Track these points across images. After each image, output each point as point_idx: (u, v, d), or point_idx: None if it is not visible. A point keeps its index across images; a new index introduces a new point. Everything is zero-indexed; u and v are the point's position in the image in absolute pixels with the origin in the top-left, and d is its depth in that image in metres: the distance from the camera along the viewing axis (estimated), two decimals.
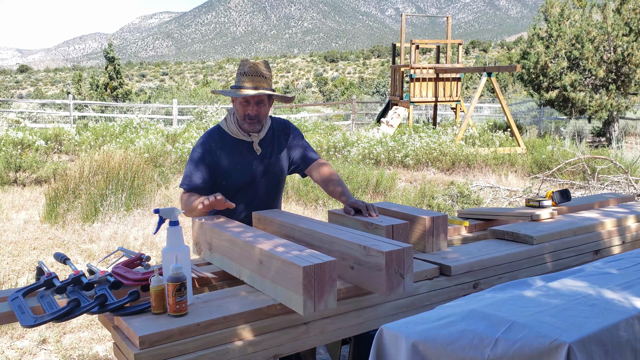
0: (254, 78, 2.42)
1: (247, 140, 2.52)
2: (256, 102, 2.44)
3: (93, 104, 20.19)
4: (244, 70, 2.43)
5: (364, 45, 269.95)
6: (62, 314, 1.68)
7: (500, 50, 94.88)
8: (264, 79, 2.44)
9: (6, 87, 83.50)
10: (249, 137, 2.52)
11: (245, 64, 2.45)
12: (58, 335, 3.58)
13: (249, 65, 2.44)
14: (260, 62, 2.47)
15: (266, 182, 2.56)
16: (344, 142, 11.08)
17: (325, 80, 68.83)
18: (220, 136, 2.52)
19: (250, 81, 2.42)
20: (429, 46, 21.82)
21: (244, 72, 2.43)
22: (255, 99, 2.43)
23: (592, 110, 13.14)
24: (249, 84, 2.42)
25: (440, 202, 6.74)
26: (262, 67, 2.45)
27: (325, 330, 1.84)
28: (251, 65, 2.44)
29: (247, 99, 2.43)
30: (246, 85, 2.42)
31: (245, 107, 2.45)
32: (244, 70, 2.44)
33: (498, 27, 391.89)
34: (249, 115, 2.45)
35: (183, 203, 2.42)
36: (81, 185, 6.50)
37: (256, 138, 2.52)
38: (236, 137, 2.51)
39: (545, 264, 2.43)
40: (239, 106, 2.46)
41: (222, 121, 2.57)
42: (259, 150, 2.53)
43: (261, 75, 2.43)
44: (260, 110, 2.46)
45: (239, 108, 2.46)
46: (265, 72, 2.45)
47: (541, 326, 1.37)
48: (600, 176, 7.33)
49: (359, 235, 2.01)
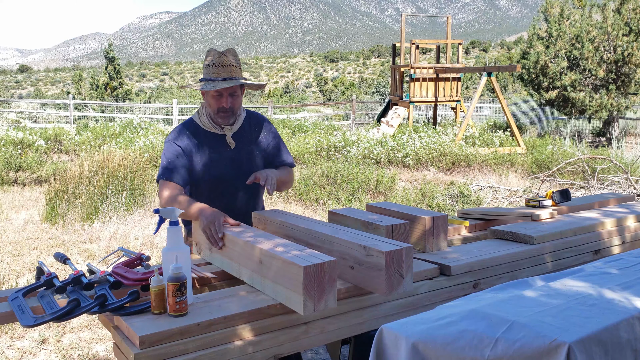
0: (225, 69, 2.31)
1: (220, 133, 2.43)
2: (229, 93, 2.34)
3: (93, 104, 20.19)
4: (213, 62, 2.32)
5: (364, 45, 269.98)
6: (62, 314, 1.68)
7: (500, 50, 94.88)
8: (235, 68, 2.33)
9: (6, 87, 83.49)
10: (221, 130, 2.43)
11: (214, 55, 2.33)
12: (58, 335, 3.58)
13: (217, 56, 2.32)
14: (228, 52, 2.36)
15: (243, 176, 2.45)
16: (344, 142, 11.08)
17: (325, 80, 68.83)
18: (194, 129, 2.43)
19: (221, 72, 2.30)
20: (429, 46, 21.83)
21: (213, 64, 2.31)
22: (229, 91, 2.33)
23: (592, 110, 13.14)
24: (217, 75, 2.30)
25: (440, 202, 6.74)
26: (231, 57, 2.34)
27: (325, 330, 1.84)
28: (220, 55, 2.32)
29: (220, 91, 2.32)
30: (216, 77, 2.30)
31: (218, 100, 2.35)
32: (213, 61, 2.32)
33: (498, 27, 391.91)
34: (223, 108, 2.35)
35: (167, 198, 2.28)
36: (81, 185, 6.50)
37: (229, 131, 2.43)
38: (209, 130, 2.43)
39: (546, 264, 2.43)
40: (212, 99, 2.36)
41: (195, 114, 2.48)
42: (232, 143, 2.44)
43: (231, 64, 2.32)
44: (235, 101, 2.37)
45: (212, 101, 2.36)
46: (234, 61, 2.34)
47: (541, 326, 1.37)
48: (600, 176, 7.32)
49: (359, 235, 2.01)
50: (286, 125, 14.92)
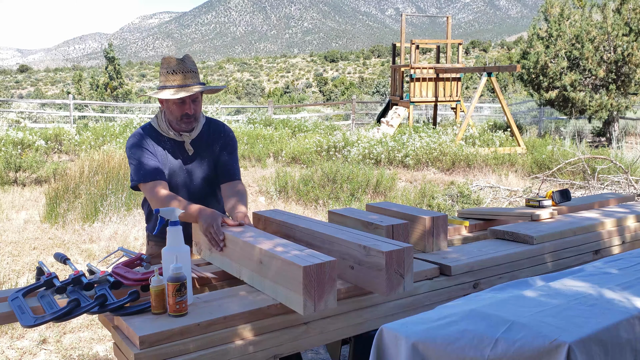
0: (184, 75, 2.30)
1: (178, 139, 2.42)
2: (192, 100, 2.33)
3: (93, 104, 20.19)
4: (172, 69, 2.30)
5: (364, 45, 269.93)
6: (62, 314, 1.68)
7: (500, 50, 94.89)
8: (194, 74, 2.32)
9: (6, 87, 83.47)
10: (179, 136, 2.41)
11: (171, 62, 2.32)
12: (58, 335, 3.58)
13: (175, 63, 2.31)
14: (185, 58, 2.36)
15: (199, 184, 2.45)
16: (344, 142, 11.08)
17: (325, 80, 68.80)
18: (154, 134, 2.42)
19: (181, 79, 2.29)
20: (429, 46, 21.83)
21: (172, 71, 2.30)
22: (191, 97, 2.33)
23: (592, 110, 13.14)
24: (179, 81, 2.29)
25: (440, 202, 6.74)
26: (189, 63, 2.34)
27: (325, 330, 1.84)
28: (178, 62, 2.31)
29: (183, 98, 2.31)
30: (176, 83, 2.29)
31: (181, 107, 2.33)
32: (172, 69, 2.31)
33: (498, 27, 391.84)
34: (187, 114, 2.34)
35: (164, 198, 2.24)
36: (81, 185, 6.50)
37: (187, 138, 2.42)
38: (168, 136, 2.42)
39: (546, 263, 2.43)
40: (174, 107, 2.33)
41: (153, 119, 2.46)
42: (191, 150, 2.43)
43: (190, 70, 2.32)
44: (197, 107, 2.37)
45: (174, 109, 2.33)
46: (193, 66, 2.34)
47: (541, 326, 1.37)
48: (600, 176, 7.32)
49: (359, 235, 2.01)
50: (286, 125, 14.92)
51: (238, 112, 20.81)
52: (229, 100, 33.69)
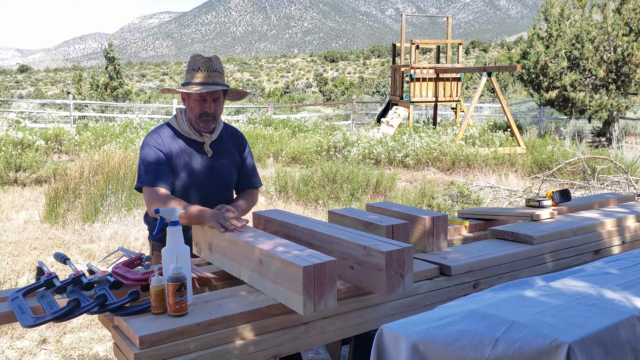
0: (209, 74, 2.30)
1: (199, 140, 2.41)
2: (213, 99, 2.33)
3: (93, 104, 20.19)
4: (198, 66, 2.31)
5: (364, 45, 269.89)
6: (62, 314, 1.68)
7: (500, 50, 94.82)
8: (219, 75, 2.33)
9: (6, 87, 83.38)
10: (200, 137, 2.41)
11: (198, 60, 2.33)
12: (58, 335, 3.58)
13: (202, 61, 2.32)
14: (213, 58, 2.36)
15: (216, 186, 2.44)
16: (344, 142, 11.08)
17: (325, 80, 68.76)
18: (172, 134, 2.41)
19: (206, 77, 2.29)
20: (429, 46, 21.82)
21: (198, 68, 2.31)
22: (213, 96, 2.33)
23: (592, 110, 13.14)
24: (203, 79, 2.29)
25: (440, 202, 6.73)
26: (216, 63, 2.34)
27: (325, 330, 1.84)
28: (205, 60, 2.32)
29: (204, 95, 2.31)
30: (201, 81, 2.29)
31: (202, 104, 2.33)
32: (197, 66, 2.31)
33: (498, 27, 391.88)
34: (206, 112, 2.34)
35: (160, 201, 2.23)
36: (81, 185, 6.50)
37: (208, 139, 2.41)
38: (187, 136, 2.40)
39: (546, 264, 2.43)
40: (195, 104, 2.33)
41: (172, 119, 2.45)
42: (210, 152, 2.42)
43: (216, 70, 2.32)
44: (217, 107, 2.36)
45: (195, 106, 2.34)
46: (218, 67, 2.34)
47: (541, 326, 1.37)
48: (601, 176, 7.32)
49: (359, 235, 2.01)
50: (286, 125, 14.91)
51: (238, 112, 20.80)
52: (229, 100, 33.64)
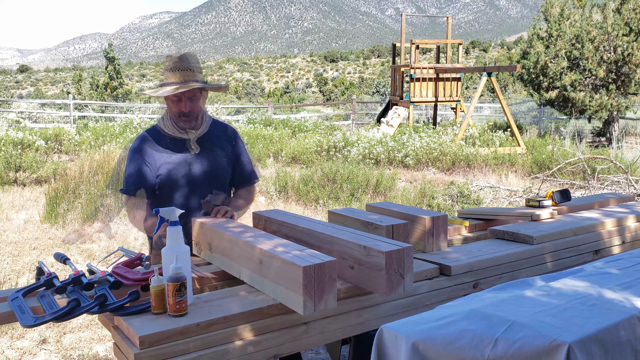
0: (181, 73, 2.30)
1: (184, 137, 2.43)
2: (188, 97, 2.34)
3: (93, 104, 20.19)
4: (170, 66, 2.32)
5: (364, 45, 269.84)
6: (62, 314, 1.68)
7: (500, 50, 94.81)
8: (192, 72, 2.32)
9: (6, 87, 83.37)
10: (185, 134, 2.42)
11: (171, 60, 2.34)
12: (58, 335, 3.58)
13: (174, 61, 2.32)
14: (186, 55, 2.36)
15: (206, 181, 2.44)
16: (344, 142, 11.08)
17: (325, 80, 68.75)
18: (156, 135, 2.44)
19: (178, 77, 2.30)
20: (429, 46, 21.83)
21: (169, 68, 2.32)
22: (187, 95, 2.33)
23: (592, 110, 13.14)
24: (176, 79, 2.30)
25: (440, 202, 6.73)
26: (189, 60, 2.34)
27: (325, 330, 1.84)
28: (176, 60, 2.32)
29: (178, 95, 2.32)
30: (173, 81, 2.30)
31: (177, 104, 2.34)
32: (169, 66, 2.32)
33: (498, 27, 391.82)
34: (182, 112, 2.35)
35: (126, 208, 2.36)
36: (81, 185, 6.50)
37: (193, 135, 2.43)
38: (173, 134, 2.42)
39: (546, 263, 2.43)
40: (171, 104, 2.36)
41: (160, 120, 2.48)
42: (197, 148, 2.43)
43: (188, 69, 2.32)
44: (194, 105, 2.36)
45: (172, 106, 2.36)
46: (192, 64, 2.33)
47: (541, 326, 1.37)
48: (600, 176, 7.32)
49: (359, 235, 2.00)
50: (286, 125, 14.92)
51: (238, 112, 20.81)
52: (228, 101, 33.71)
